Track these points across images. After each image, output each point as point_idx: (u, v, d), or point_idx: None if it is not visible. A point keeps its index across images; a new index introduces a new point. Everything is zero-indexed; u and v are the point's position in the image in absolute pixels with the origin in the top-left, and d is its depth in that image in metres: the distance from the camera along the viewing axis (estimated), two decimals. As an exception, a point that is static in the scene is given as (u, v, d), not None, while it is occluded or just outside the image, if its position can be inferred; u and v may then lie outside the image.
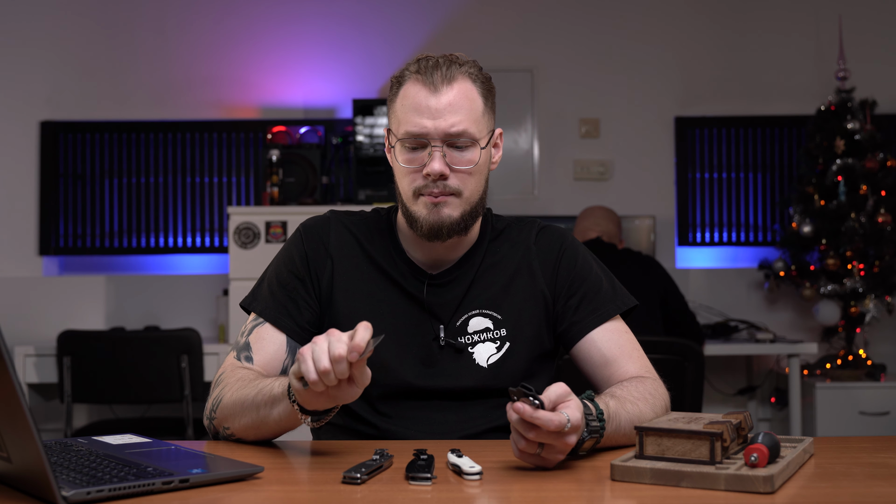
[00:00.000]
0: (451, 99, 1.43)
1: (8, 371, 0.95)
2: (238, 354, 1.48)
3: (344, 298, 1.51)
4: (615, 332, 1.52)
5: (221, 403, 1.40)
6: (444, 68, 1.44)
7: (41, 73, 4.61)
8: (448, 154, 1.43)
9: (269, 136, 4.22)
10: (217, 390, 1.43)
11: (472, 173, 1.45)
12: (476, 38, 4.61)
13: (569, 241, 1.59)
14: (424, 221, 1.45)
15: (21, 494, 1.06)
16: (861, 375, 4.14)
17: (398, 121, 1.46)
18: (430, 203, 1.44)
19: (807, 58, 4.64)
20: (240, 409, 1.36)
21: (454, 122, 1.42)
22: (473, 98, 1.46)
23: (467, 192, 1.46)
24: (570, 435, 1.16)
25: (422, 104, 1.43)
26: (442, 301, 1.51)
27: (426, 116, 1.42)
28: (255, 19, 4.65)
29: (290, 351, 1.50)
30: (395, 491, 1.09)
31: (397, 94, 1.47)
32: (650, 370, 1.50)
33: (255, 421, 1.35)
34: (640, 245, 4.40)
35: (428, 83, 1.43)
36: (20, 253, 4.57)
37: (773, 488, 1.05)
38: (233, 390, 1.39)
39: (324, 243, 1.54)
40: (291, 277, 1.53)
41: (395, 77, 1.49)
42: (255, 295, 1.54)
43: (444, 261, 1.53)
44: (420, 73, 1.45)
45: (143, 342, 3.61)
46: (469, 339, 1.50)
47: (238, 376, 1.41)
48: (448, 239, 1.47)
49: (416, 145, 1.44)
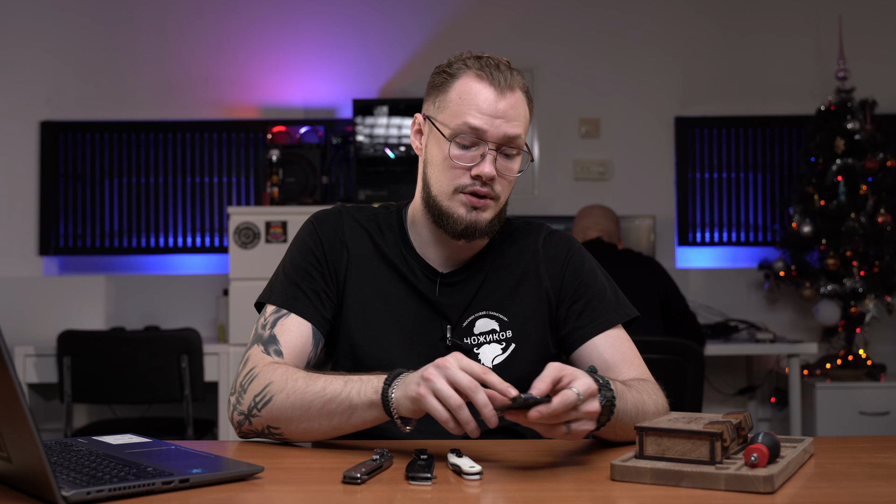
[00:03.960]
0: (512, 104, 1.43)
1: (8, 371, 0.95)
2: (266, 348, 1.43)
3: (355, 293, 1.50)
4: (616, 340, 1.52)
5: (273, 404, 1.33)
6: (506, 73, 1.43)
7: (41, 73, 4.61)
8: (497, 160, 1.43)
9: (269, 136, 4.22)
10: (260, 387, 1.36)
11: (511, 182, 1.47)
12: (476, 38, 4.60)
13: (575, 247, 1.59)
14: (460, 220, 1.44)
15: (21, 494, 1.06)
16: (861, 375, 4.14)
17: (452, 113, 1.43)
18: (471, 205, 1.44)
19: (807, 58, 4.64)
20: (302, 415, 1.32)
21: (512, 128, 1.42)
22: (526, 109, 1.46)
23: (503, 198, 1.47)
24: (589, 401, 1.16)
25: (484, 102, 1.41)
26: (452, 301, 1.51)
27: (487, 116, 1.41)
28: (255, 19, 4.65)
29: (315, 343, 1.47)
30: (395, 491, 1.09)
31: (452, 86, 1.44)
32: (649, 377, 1.50)
33: (327, 429, 1.32)
34: (640, 245, 4.40)
35: (494, 83, 1.42)
36: (20, 253, 4.57)
37: (773, 488, 1.05)
38: (286, 392, 1.33)
39: (339, 234, 1.53)
40: (311, 268, 1.49)
41: (446, 67, 1.46)
42: (273, 288, 1.50)
43: (456, 260, 1.53)
44: (482, 70, 1.43)
45: (143, 342, 3.61)
46: (475, 340, 1.50)
47: (285, 375, 1.35)
48: (475, 240, 1.48)
49: (469, 143, 1.43)
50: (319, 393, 1.31)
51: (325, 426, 1.32)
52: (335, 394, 1.30)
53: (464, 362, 1.18)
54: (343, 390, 1.29)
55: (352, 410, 1.28)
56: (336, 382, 1.31)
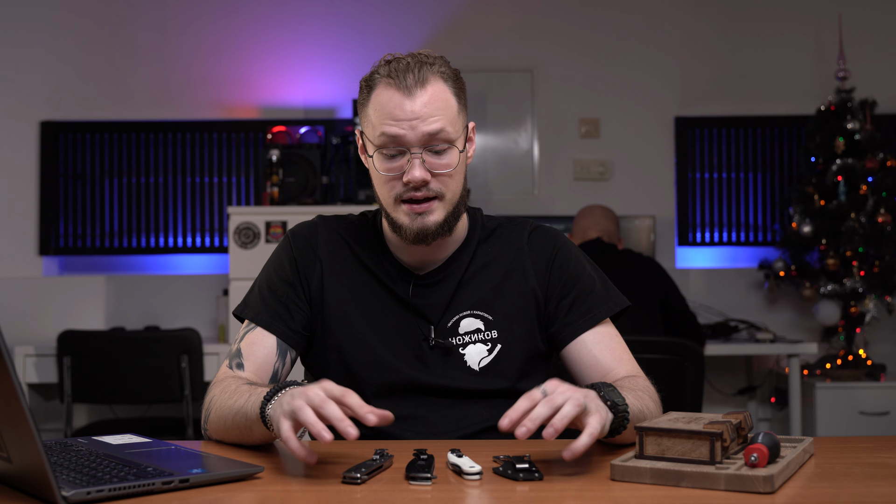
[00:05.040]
0: (425, 101, 1.40)
1: (8, 371, 0.95)
2: (230, 362, 1.49)
3: (335, 300, 1.53)
4: (606, 336, 1.52)
5: (210, 417, 1.41)
6: (415, 70, 1.41)
7: (41, 73, 4.61)
8: (427, 159, 1.42)
9: (269, 136, 4.22)
10: (207, 400, 1.44)
11: (451, 175, 1.45)
12: (476, 38, 4.61)
13: (561, 241, 1.58)
14: (408, 229, 1.44)
15: (21, 494, 1.06)
16: (861, 375, 4.14)
17: (373, 127, 1.43)
18: (412, 212, 1.43)
19: (807, 58, 4.64)
20: (222, 427, 1.37)
21: (431, 126, 1.40)
22: (447, 98, 1.43)
23: (449, 193, 1.45)
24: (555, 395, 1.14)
25: (396, 110, 1.40)
26: (429, 302, 1.52)
27: (403, 122, 1.40)
28: (255, 19, 4.65)
29: (281, 354, 1.50)
30: (395, 491, 1.09)
31: (368, 99, 1.44)
32: (640, 372, 1.51)
33: (242, 440, 1.36)
34: (640, 245, 4.39)
35: (401, 87, 1.40)
36: (20, 253, 4.57)
37: (773, 488, 1.05)
38: (217, 404, 1.39)
39: (312, 246, 1.55)
40: (281, 283, 1.53)
41: (365, 80, 1.46)
42: (247, 302, 1.55)
43: (431, 261, 1.53)
44: (391, 76, 1.41)
45: (143, 342, 3.61)
46: (460, 339, 1.51)
47: (222, 388, 1.41)
48: (433, 241, 1.47)
49: (394, 152, 1.42)
50: (232, 406, 1.34)
51: (244, 438, 1.35)
52: (239, 407, 1.32)
53: (326, 385, 1.17)
54: (245, 403, 1.31)
55: (249, 424, 1.30)
56: (244, 395, 1.32)
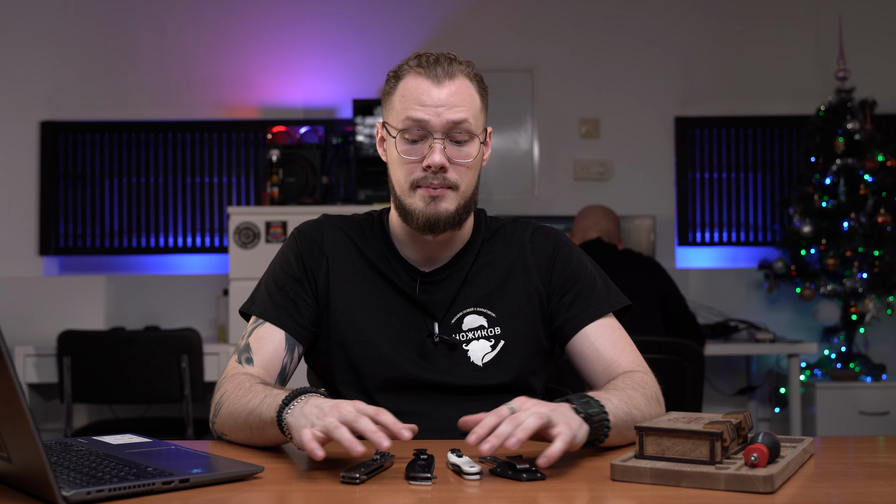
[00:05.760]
0: (452, 91, 1.45)
1: (8, 371, 0.95)
2: (239, 357, 1.49)
3: (340, 296, 1.54)
4: (608, 329, 1.53)
5: (220, 413, 1.41)
6: (444, 64, 1.47)
7: (41, 73, 4.61)
8: (448, 148, 1.45)
9: (269, 136, 4.22)
10: (218, 395, 1.44)
11: (469, 167, 1.48)
12: (476, 38, 4.61)
13: (563, 240, 1.61)
14: (421, 214, 1.46)
15: (21, 494, 1.06)
16: (861, 375, 4.14)
17: (397, 112, 1.47)
18: (428, 196, 1.45)
19: (807, 58, 4.64)
20: (233, 425, 1.37)
21: (456, 114, 1.44)
22: (472, 94, 1.48)
23: (464, 185, 1.48)
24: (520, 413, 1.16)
25: (424, 95, 1.45)
26: (434, 299, 1.53)
27: (429, 108, 1.44)
28: (255, 19, 4.65)
29: (289, 349, 1.51)
30: (395, 491, 1.10)
31: (395, 88, 1.49)
32: (642, 364, 1.51)
33: (257, 441, 1.35)
34: (640, 245, 4.39)
35: (431, 75, 1.45)
36: (20, 253, 4.57)
37: (773, 488, 1.05)
38: (229, 401, 1.39)
39: (318, 243, 1.57)
40: (288, 279, 1.55)
41: (393, 72, 1.50)
42: (254, 299, 1.56)
43: (437, 259, 1.55)
44: (421, 66, 1.47)
45: (143, 342, 3.61)
46: (464, 336, 1.53)
47: (235, 384, 1.41)
48: (443, 233, 1.49)
49: (417, 137, 1.45)
50: (246, 405, 1.34)
51: (254, 438, 1.35)
52: (254, 407, 1.32)
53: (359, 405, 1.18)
54: (260, 404, 1.31)
55: (263, 426, 1.30)
56: (259, 396, 1.32)
